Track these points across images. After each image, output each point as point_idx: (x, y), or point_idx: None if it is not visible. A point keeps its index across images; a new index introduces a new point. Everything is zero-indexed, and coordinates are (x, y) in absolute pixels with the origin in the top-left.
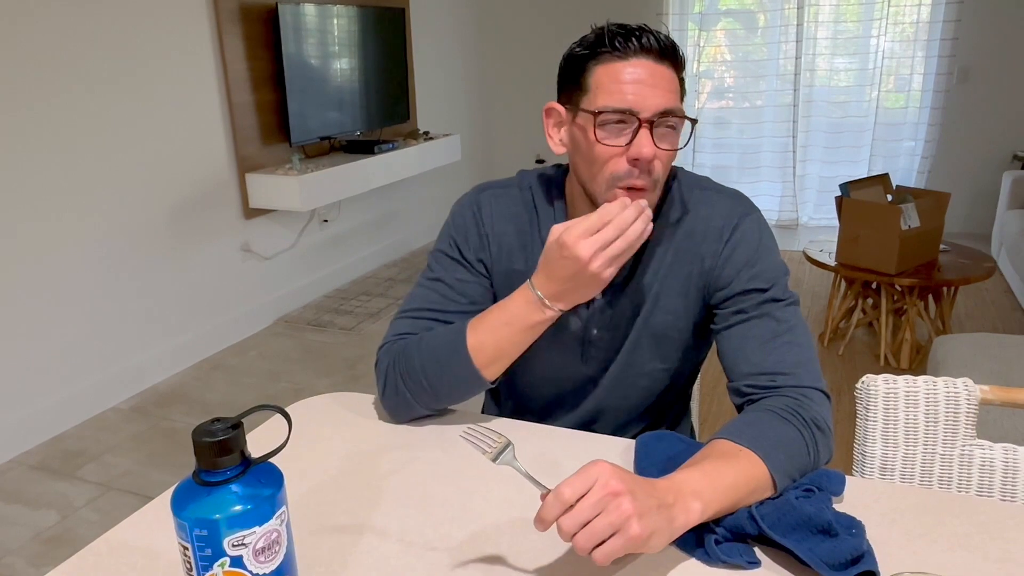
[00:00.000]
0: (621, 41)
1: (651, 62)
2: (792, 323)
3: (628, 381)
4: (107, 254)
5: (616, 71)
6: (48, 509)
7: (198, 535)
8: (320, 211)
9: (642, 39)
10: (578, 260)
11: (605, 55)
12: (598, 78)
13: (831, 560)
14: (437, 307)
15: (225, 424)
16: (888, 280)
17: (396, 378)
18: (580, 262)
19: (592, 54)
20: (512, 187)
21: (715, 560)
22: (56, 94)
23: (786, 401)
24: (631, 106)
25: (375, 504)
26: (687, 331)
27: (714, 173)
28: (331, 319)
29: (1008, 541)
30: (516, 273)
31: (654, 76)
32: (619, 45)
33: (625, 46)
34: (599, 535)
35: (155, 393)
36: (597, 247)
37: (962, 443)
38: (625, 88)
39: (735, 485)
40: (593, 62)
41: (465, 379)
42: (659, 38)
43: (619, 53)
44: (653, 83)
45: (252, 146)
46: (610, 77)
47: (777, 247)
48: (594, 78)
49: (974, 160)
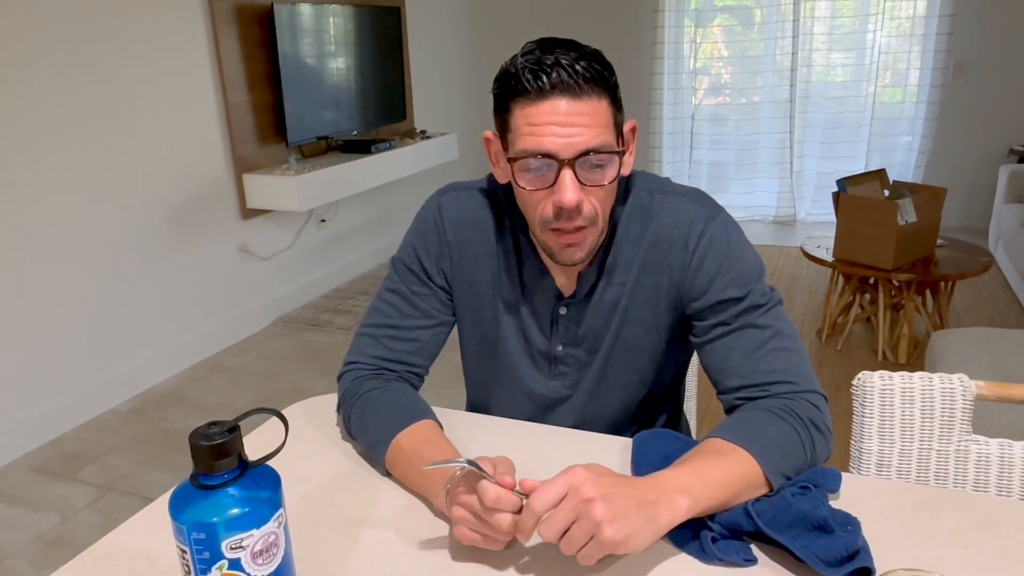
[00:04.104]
0: (531, 80)
1: (568, 99)
2: (777, 327)
3: (601, 396)
4: (105, 256)
5: (530, 114)
6: (49, 511)
7: (196, 538)
8: (318, 211)
9: (552, 74)
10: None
11: (520, 95)
12: (516, 121)
13: (827, 557)
14: (393, 323)
15: (222, 427)
16: (885, 275)
17: (344, 413)
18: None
19: (509, 93)
20: (478, 190)
21: (711, 557)
22: (50, 96)
23: (783, 401)
24: (547, 150)
25: (373, 504)
26: (661, 342)
27: (711, 169)
28: (329, 319)
29: (1003, 536)
30: (480, 283)
31: (572, 114)
32: (530, 85)
33: (536, 85)
34: (576, 542)
35: (154, 394)
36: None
37: (958, 439)
38: (540, 131)
39: (726, 482)
40: (511, 101)
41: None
42: (575, 70)
43: (533, 94)
44: (571, 123)
45: (249, 146)
46: (526, 119)
47: (749, 245)
48: (513, 118)
49: (971, 154)
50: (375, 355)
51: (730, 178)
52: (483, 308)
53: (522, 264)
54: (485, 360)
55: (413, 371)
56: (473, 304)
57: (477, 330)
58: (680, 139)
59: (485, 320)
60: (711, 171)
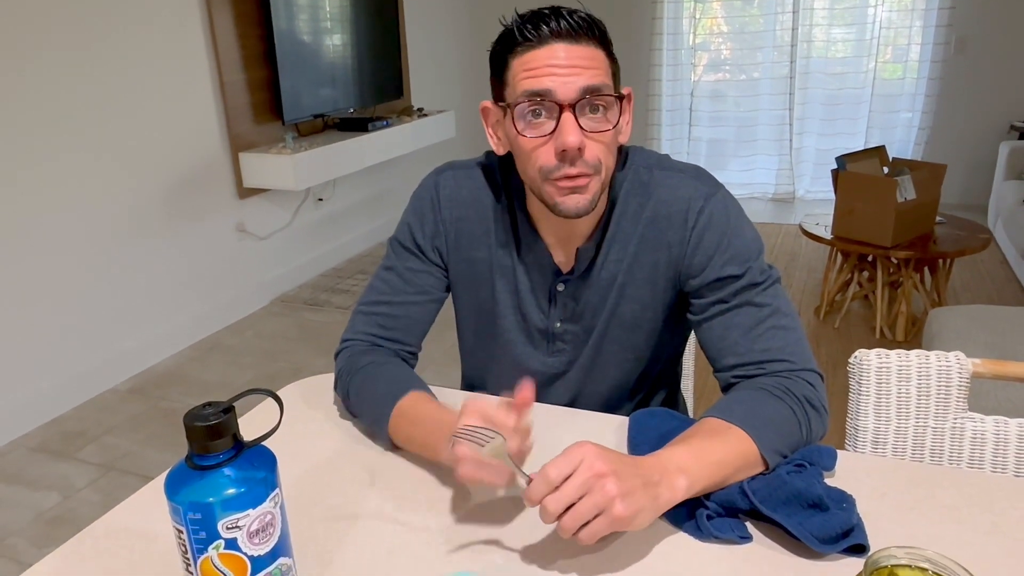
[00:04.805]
0: (531, 29)
1: (566, 44)
2: (775, 305)
3: (597, 372)
4: (102, 236)
5: (529, 59)
6: (49, 490)
7: (192, 518)
8: (315, 190)
9: (551, 23)
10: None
11: (519, 47)
12: (514, 70)
13: (821, 534)
14: (386, 299)
15: (217, 408)
16: (884, 253)
17: (342, 390)
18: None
19: (508, 48)
20: (475, 167)
21: (707, 535)
22: (43, 76)
23: (779, 380)
24: (546, 87)
25: (370, 485)
26: (657, 320)
27: (710, 147)
28: (328, 298)
29: (997, 513)
30: (477, 261)
31: (571, 57)
32: (530, 34)
33: (536, 34)
34: (584, 516)
35: (153, 374)
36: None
37: (954, 416)
38: (539, 72)
39: (723, 462)
40: (510, 56)
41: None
42: (572, 18)
43: (531, 42)
44: (570, 63)
45: (244, 125)
46: (523, 66)
47: (748, 222)
48: (511, 71)
49: (971, 131)
50: (369, 332)
51: (729, 155)
52: (480, 286)
53: (519, 241)
54: (482, 338)
55: (406, 349)
56: (470, 282)
57: (474, 308)
58: (679, 116)
59: (482, 298)
60: (710, 148)
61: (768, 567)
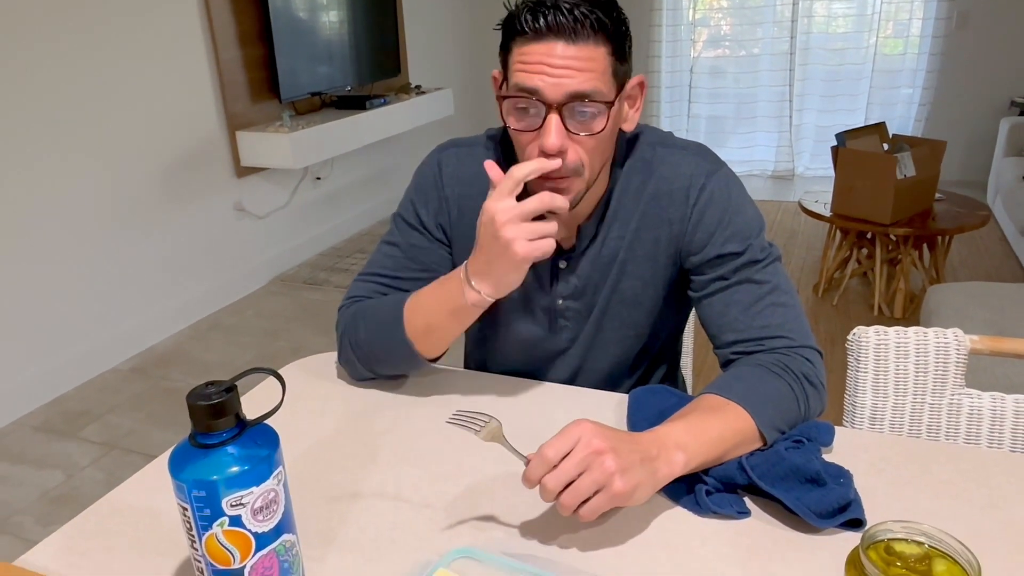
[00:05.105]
0: (528, 21)
1: (564, 43)
2: (775, 282)
3: (598, 349)
4: (100, 216)
5: (525, 52)
6: (53, 469)
7: (196, 496)
8: (313, 168)
9: (549, 16)
10: (492, 223)
11: (519, 34)
12: (513, 57)
13: (819, 509)
14: (391, 273)
15: (219, 387)
16: (883, 230)
17: (347, 346)
18: (494, 225)
19: (510, 34)
20: (478, 146)
21: (706, 510)
22: (37, 55)
23: (777, 357)
24: (534, 86)
25: (371, 462)
26: (658, 297)
27: (709, 123)
28: (327, 277)
29: (993, 488)
30: None
31: (566, 57)
32: (528, 26)
33: (534, 27)
34: (583, 493)
35: (154, 354)
36: (514, 213)
37: (951, 392)
38: (531, 69)
39: (720, 438)
40: (511, 40)
41: (403, 355)
42: (573, 14)
43: (529, 35)
44: (563, 64)
45: (241, 103)
46: (520, 58)
47: (749, 200)
48: (511, 56)
49: (972, 107)
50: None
51: (728, 132)
52: None
53: None
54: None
55: None
56: None
57: None
58: (678, 93)
59: None
60: (709, 125)
61: (766, 541)
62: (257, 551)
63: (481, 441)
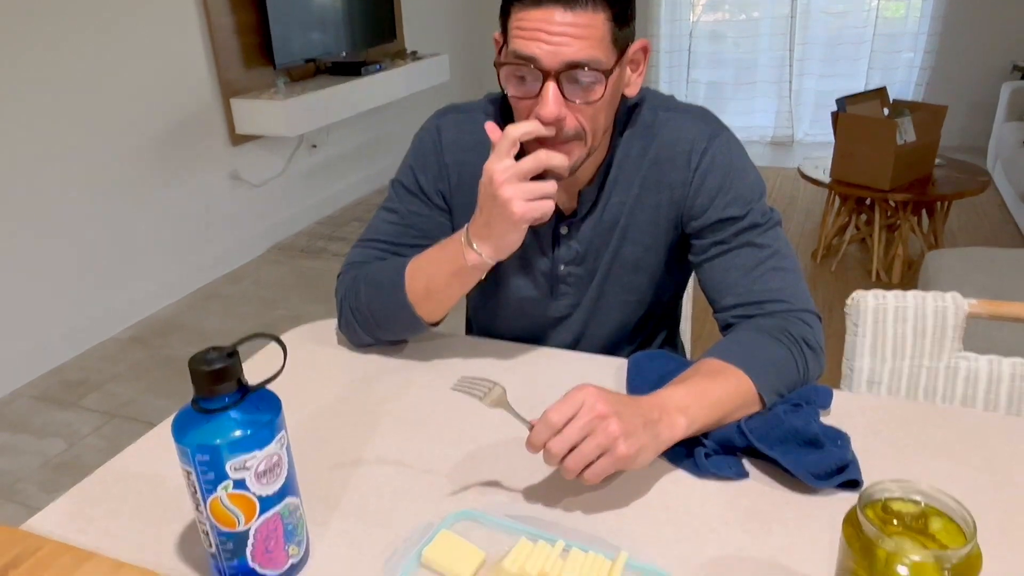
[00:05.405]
0: None
1: (562, 9)
2: (775, 247)
3: (599, 314)
4: (97, 185)
5: (523, 18)
6: (55, 437)
7: (200, 460)
8: (308, 136)
9: None
10: (491, 182)
11: (518, 0)
12: (512, 22)
13: (817, 470)
14: (390, 239)
15: (221, 352)
16: (882, 196)
17: (347, 311)
18: (492, 184)
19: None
20: (477, 111)
21: (705, 472)
22: (24, 23)
23: (776, 321)
24: (531, 53)
25: (373, 429)
26: (659, 262)
27: (708, 89)
28: (324, 246)
29: (989, 449)
30: None
31: (564, 24)
32: None
33: None
34: (588, 457)
35: (152, 323)
36: (511, 172)
37: (949, 356)
38: (528, 35)
39: (721, 401)
40: (510, 4)
41: (404, 319)
42: None
43: (526, 2)
44: (561, 32)
45: (235, 70)
46: (518, 23)
47: (751, 164)
48: (510, 23)
49: (973, 71)
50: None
51: (728, 98)
52: None
53: None
54: (486, 283)
55: None
56: None
57: None
58: (678, 58)
59: None
60: (708, 91)
61: (764, 502)
62: (261, 514)
63: (485, 407)
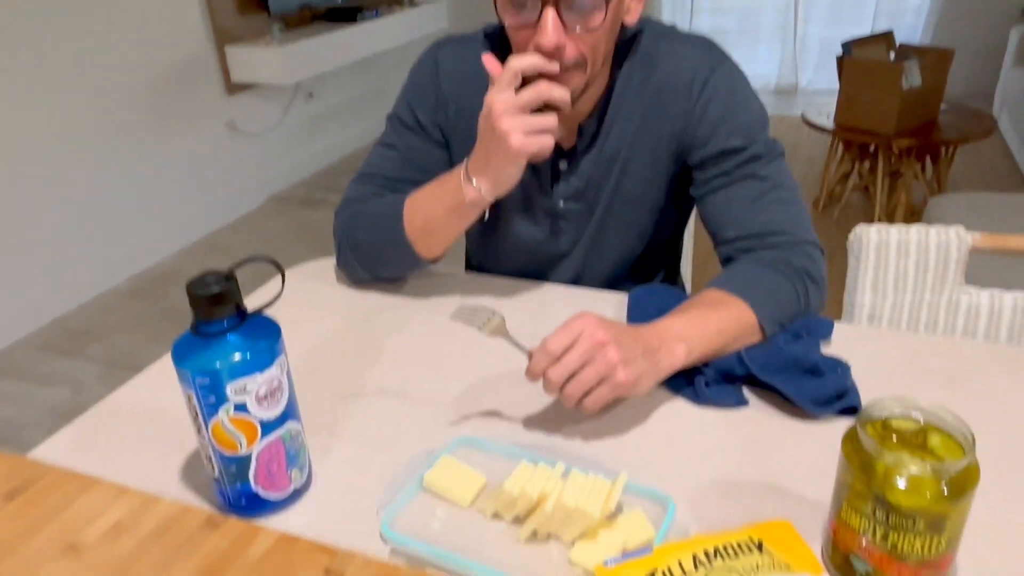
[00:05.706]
0: None
1: None
2: (778, 179)
3: (600, 250)
4: (94, 136)
5: None
6: (60, 386)
7: (201, 383)
8: (305, 85)
9: None
10: (490, 115)
11: None
12: None
13: (816, 396)
14: (388, 175)
15: (218, 276)
16: (886, 141)
17: (345, 248)
18: (491, 117)
19: None
20: (475, 42)
21: (704, 400)
22: None
23: (778, 253)
24: None
25: (374, 361)
26: (661, 195)
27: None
28: (323, 196)
29: (990, 376)
30: None
31: None
32: None
33: None
34: (587, 384)
35: (153, 274)
36: (511, 104)
37: (951, 290)
38: None
39: (721, 331)
40: None
41: (402, 255)
42: None
43: None
44: None
45: (229, 17)
46: None
47: (754, 95)
48: None
49: (982, 14)
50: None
51: (731, 45)
52: None
53: None
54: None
55: None
56: None
57: None
58: (680, 4)
59: None
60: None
61: (764, 429)
62: (263, 437)
63: (484, 336)
